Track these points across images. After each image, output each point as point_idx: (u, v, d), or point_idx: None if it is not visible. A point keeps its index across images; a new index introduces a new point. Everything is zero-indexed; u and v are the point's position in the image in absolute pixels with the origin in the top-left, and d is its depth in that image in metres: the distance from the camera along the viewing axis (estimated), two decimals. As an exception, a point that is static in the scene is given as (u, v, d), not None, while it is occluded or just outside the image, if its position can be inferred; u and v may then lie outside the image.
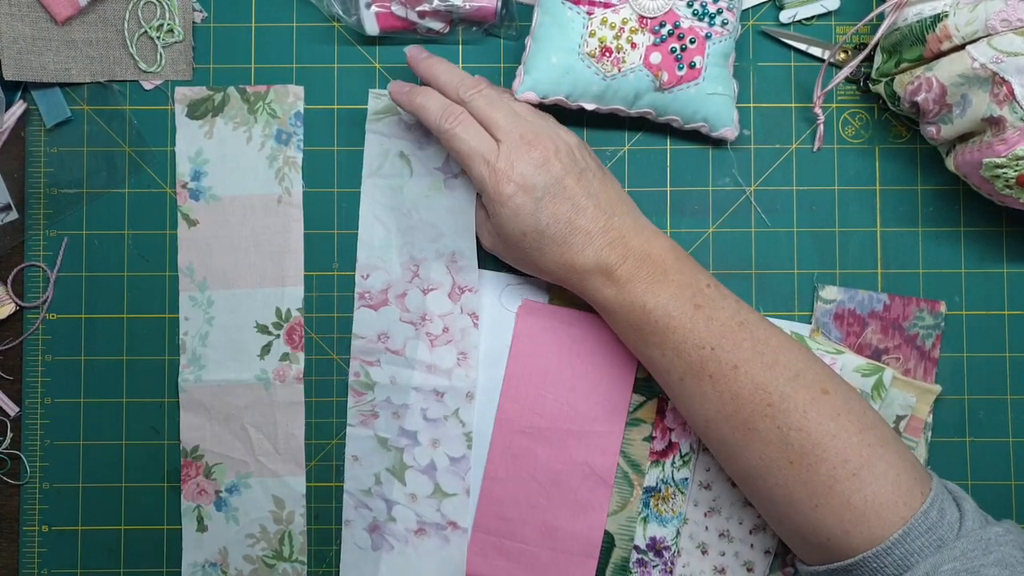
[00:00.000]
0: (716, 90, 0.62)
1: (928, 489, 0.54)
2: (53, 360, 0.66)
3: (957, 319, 0.66)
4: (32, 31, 0.65)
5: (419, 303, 0.65)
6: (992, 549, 0.51)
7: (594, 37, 0.60)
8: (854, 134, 0.67)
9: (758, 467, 0.56)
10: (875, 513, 0.53)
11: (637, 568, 0.65)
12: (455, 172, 0.64)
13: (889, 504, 0.53)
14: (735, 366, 0.56)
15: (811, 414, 0.54)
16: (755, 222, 0.67)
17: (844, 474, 0.53)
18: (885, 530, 0.52)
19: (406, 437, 0.65)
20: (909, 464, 0.55)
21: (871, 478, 0.53)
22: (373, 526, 0.65)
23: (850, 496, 0.53)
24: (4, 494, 0.66)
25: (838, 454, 0.54)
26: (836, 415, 0.55)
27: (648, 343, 0.58)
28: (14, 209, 0.66)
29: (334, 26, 0.67)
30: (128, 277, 0.66)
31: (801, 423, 0.54)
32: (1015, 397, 0.66)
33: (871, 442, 0.54)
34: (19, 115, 0.66)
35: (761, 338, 0.57)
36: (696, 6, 0.61)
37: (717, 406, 0.56)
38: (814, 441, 0.54)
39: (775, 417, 0.55)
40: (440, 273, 0.64)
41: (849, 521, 0.53)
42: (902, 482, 0.53)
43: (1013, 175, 0.56)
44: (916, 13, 0.59)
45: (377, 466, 0.65)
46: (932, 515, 0.52)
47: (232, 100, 0.66)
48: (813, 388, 0.55)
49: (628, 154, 0.67)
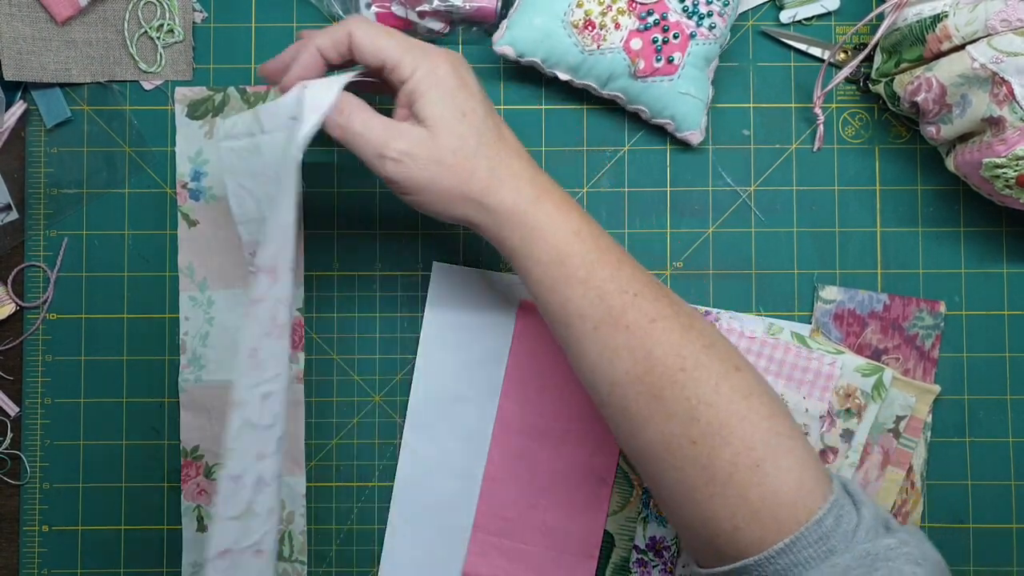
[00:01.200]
0: (689, 91, 0.62)
1: (829, 492, 0.49)
2: (53, 360, 0.66)
3: (957, 319, 0.66)
4: (32, 31, 0.65)
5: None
6: (878, 566, 0.46)
7: (581, 8, 0.60)
8: (854, 134, 0.67)
9: (657, 444, 0.50)
10: (770, 513, 0.48)
11: (637, 568, 0.65)
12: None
13: (787, 504, 0.48)
14: (653, 319, 0.51)
15: (723, 389, 0.50)
16: (755, 222, 0.67)
17: (747, 463, 0.49)
18: (776, 534, 0.48)
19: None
20: (813, 462, 0.50)
21: (774, 472, 0.49)
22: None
23: (748, 490, 0.48)
24: (4, 494, 0.66)
25: (744, 439, 0.49)
26: (748, 395, 0.50)
27: (573, 278, 0.52)
28: (14, 209, 0.66)
29: (334, 26, 0.67)
30: (128, 277, 0.66)
31: (712, 397, 0.49)
32: (1015, 397, 0.66)
33: (780, 431, 0.50)
34: (19, 115, 0.66)
35: (676, 300, 0.53)
36: (688, 3, 0.61)
37: (628, 364, 0.51)
38: (721, 420, 0.49)
39: (686, 385, 0.50)
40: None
41: (741, 518, 0.48)
42: (805, 481, 0.49)
43: (1013, 175, 0.56)
44: (916, 13, 0.59)
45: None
46: (827, 523, 0.48)
47: (232, 100, 0.66)
48: (727, 362, 0.51)
49: (628, 154, 0.67)
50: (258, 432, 0.53)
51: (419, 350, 0.66)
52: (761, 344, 0.64)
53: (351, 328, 0.66)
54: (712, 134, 0.67)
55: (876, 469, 0.64)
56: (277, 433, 0.54)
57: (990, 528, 0.66)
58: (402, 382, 0.66)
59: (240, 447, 0.53)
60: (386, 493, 0.66)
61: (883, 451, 0.64)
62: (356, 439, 0.66)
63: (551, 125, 0.67)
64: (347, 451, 0.66)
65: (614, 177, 0.67)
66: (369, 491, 0.66)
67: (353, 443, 0.66)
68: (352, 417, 0.66)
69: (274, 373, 0.53)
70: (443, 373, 0.66)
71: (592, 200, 0.67)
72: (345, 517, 0.66)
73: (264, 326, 0.53)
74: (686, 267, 0.66)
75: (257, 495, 0.54)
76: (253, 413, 0.53)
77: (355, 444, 0.66)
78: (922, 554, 0.48)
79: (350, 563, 0.66)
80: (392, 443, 0.66)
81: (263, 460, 0.53)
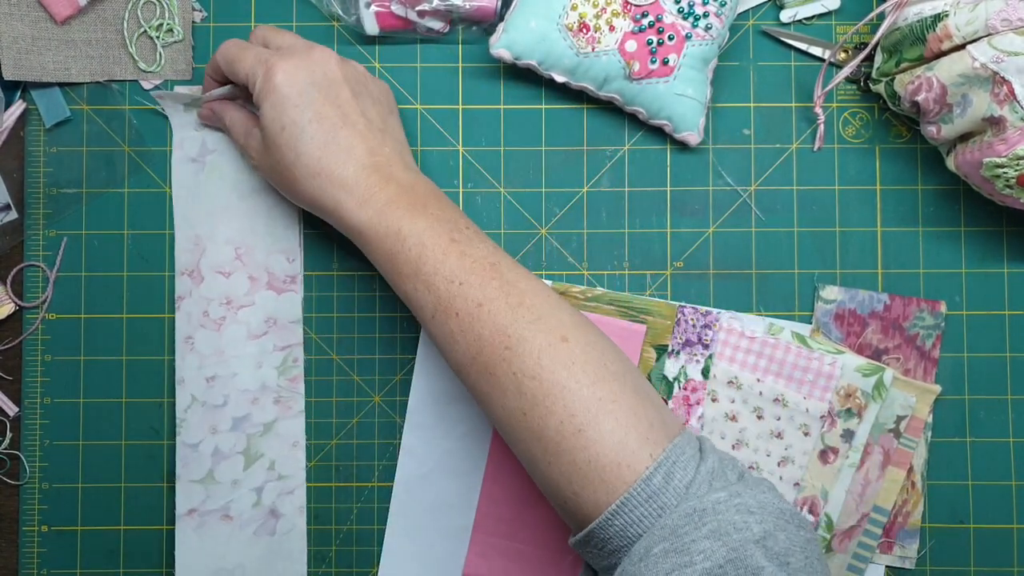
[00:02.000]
0: (686, 92, 0.62)
1: (660, 451, 0.50)
2: (53, 360, 0.66)
3: (957, 319, 0.66)
4: (32, 31, 0.65)
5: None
6: (707, 520, 0.47)
7: (575, 11, 0.60)
8: (854, 134, 0.67)
9: (501, 420, 0.53)
10: (597, 475, 0.49)
11: (637, 568, 0.65)
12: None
13: (611, 465, 0.49)
14: (480, 303, 0.53)
15: (544, 361, 0.51)
16: (755, 222, 0.67)
17: (570, 430, 0.50)
18: (606, 496, 0.49)
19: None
20: (645, 423, 0.51)
21: (596, 436, 0.50)
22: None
23: (575, 455, 0.50)
24: (4, 494, 0.66)
25: (566, 407, 0.50)
26: (570, 364, 0.51)
27: (401, 274, 0.55)
28: (13, 209, 0.66)
29: (334, 26, 0.67)
30: (128, 277, 0.66)
31: (535, 370, 0.51)
32: (1015, 397, 0.66)
33: (602, 396, 0.51)
34: (19, 115, 0.66)
35: (510, 279, 0.54)
36: (683, 4, 0.61)
37: (463, 347, 0.54)
38: (545, 391, 0.51)
39: (511, 362, 0.52)
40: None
41: (577, 483, 0.50)
42: (629, 442, 0.50)
43: (1014, 175, 0.56)
44: (916, 13, 0.59)
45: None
46: (655, 481, 0.49)
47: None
48: (553, 334, 0.52)
49: (628, 154, 0.67)
50: (207, 409, 0.65)
51: (419, 350, 0.66)
52: (761, 344, 0.64)
53: (351, 328, 0.66)
54: (712, 134, 0.66)
55: (877, 469, 0.64)
56: (233, 413, 0.65)
57: (990, 528, 0.66)
58: (402, 382, 0.66)
59: (191, 419, 0.65)
60: (386, 493, 0.66)
61: (884, 451, 0.64)
62: (356, 439, 0.66)
63: (551, 125, 0.67)
64: (347, 451, 0.66)
65: (614, 177, 0.67)
66: (369, 491, 0.66)
67: (353, 443, 0.66)
68: (352, 417, 0.66)
69: (215, 360, 0.65)
70: (443, 373, 0.65)
71: (592, 200, 0.66)
72: (345, 517, 0.66)
73: (195, 319, 0.65)
74: (686, 267, 0.66)
75: (217, 464, 0.65)
76: (199, 391, 0.65)
77: (355, 444, 0.66)
78: (758, 504, 0.48)
79: (350, 563, 0.66)
80: (392, 443, 0.66)
81: (217, 434, 0.65)
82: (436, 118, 0.67)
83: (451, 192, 0.66)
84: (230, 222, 0.65)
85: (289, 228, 0.65)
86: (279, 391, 0.65)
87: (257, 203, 0.65)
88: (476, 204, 0.67)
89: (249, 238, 0.65)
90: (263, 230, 0.65)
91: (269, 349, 0.65)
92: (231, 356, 0.65)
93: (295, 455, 0.65)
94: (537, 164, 0.67)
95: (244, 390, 0.65)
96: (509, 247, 0.66)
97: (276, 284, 0.65)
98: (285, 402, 0.65)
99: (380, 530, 0.66)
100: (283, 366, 0.65)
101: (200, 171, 0.65)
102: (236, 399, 0.65)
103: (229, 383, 0.65)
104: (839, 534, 0.64)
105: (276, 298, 0.65)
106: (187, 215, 0.65)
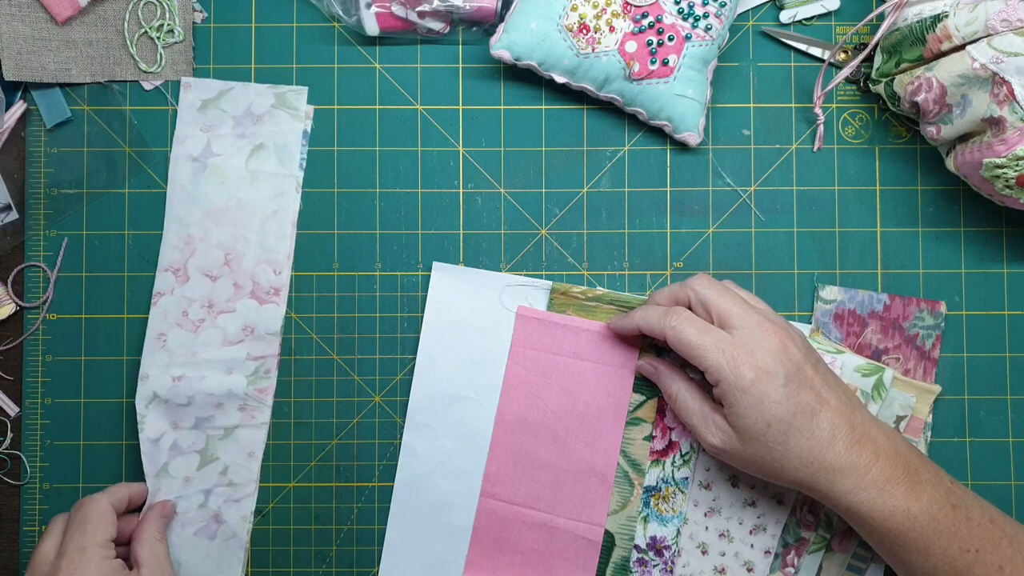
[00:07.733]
0: (686, 92, 0.62)
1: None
2: (53, 360, 0.66)
3: (957, 319, 0.66)
4: (32, 31, 0.65)
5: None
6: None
7: (575, 11, 0.61)
8: (854, 134, 0.67)
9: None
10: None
11: (637, 567, 0.65)
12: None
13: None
14: (1000, 567, 0.54)
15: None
16: (755, 222, 0.67)
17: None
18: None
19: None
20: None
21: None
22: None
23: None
24: (4, 494, 0.66)
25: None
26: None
27: (909, 549, 0.55)
28: (14, 209, 0.66)
29: (334, 26, 0.67)
30: (128, 277, 0.66)
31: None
32: (1015, 397, 0.66)
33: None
34: (19, 115, 0.66)
35: (1010, 533, 0.55)
36: (683, 4, 0.61)
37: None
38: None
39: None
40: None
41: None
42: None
43: (1013, 175, 0.56)
44: (916, 13, 0.59)
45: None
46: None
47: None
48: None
49: (628, 154, 0.67)
50: (170, 407, 0.65)
51: (419, 350, 0.66)
52: (761, 344, 0.64)
53: (351, 328, 0.66)
54: (712, 134, 0.67)
55: (876, 469, 0.64)
56: (197, 413, 0.65)
57: (990, 528, 0.66)
58: (402, 382, 0.66)
59: (152, 415, 0.65)
60: (386, 493, 0.66)
61: (883, 451, 0.64)
62: (356, 439, 0.66)
63: (551, 125, 0.67)
64: (347, 451, 0.66)
65: (614, 177, 0.67)
66: (369, 491, 0.66)
67: (353, 443, 0.66)
68: (352, 417, 0.66)
69: (185, 360, 0.65)
70: (443, 373, 0.66)
71: (592, 200, 0.67)
72: (345, 517, 0.66)
73: (172, 317, 0.65)
74: (686, 267, 0.66)
75: (173, 459, 0.65)
76: (162, 389, 0.64)
77: (355, 444, 0.66)
78: None
79: (351, 563, 0.66)
80: (392, 443, 0.66)
81: (178, 430, 0.65)
82: (436, 119, 0.67)
83: (451, 192, 0.67)
84: (224, 227, 0.65)
85: (281, 241, 0.65)
86: (246, 399, 0.65)
87: (253, 212, 0.65)
88: (476, 204, 0.67)
89: (240, 245, 0.65)
90: (255, 239, 0.65)
91: (242, 358, 0.65)
92: (203, 359, 0.65)
93: (249, 465, 0.65)
94: (537, 164, 0.67)
95: (210, 393, 0.64)
96: (509, 247, 0.66)
97: (259, 294, 0.65)
98: (250, 411, 0.65)
99: (381, 530, 0.66)
100: (254, 376, 0.65)
101: (200, 171, 0.65)
102: (201, 401, 0.64)
103: (196, 384, 0.64)
104: (839, 534, 0.64)
105: (257, 308, 0.65)
106: (180, 213, 0.65)
